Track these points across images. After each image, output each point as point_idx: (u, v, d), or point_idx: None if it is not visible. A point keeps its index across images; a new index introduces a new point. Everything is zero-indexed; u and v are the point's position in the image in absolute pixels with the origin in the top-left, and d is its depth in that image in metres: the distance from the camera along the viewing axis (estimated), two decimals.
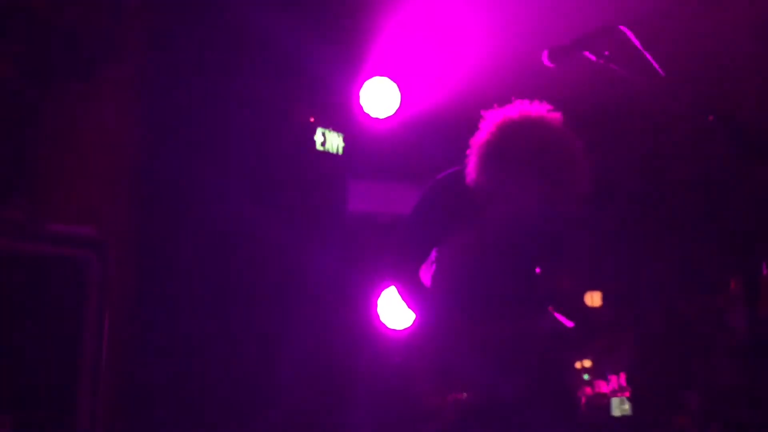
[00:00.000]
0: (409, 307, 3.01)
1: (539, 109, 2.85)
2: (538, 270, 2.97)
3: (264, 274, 4.15)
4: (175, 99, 4.01)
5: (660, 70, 1.92)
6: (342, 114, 4.59)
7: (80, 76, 3.57)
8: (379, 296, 4.47)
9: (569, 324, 2.93)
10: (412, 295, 2.98)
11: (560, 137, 2.80)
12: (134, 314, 3.68)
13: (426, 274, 3.04)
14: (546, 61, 2.19)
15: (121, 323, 3.38)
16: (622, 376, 5.14)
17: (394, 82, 4.63)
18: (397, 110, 4.63)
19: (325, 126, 4.54)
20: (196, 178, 3.97)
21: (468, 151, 2.89)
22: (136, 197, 3.87)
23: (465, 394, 2.75)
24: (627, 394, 5.07)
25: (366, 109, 4.58)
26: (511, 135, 2.81)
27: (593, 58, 2.07)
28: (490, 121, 2.89)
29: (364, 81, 4.58)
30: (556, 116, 2.84)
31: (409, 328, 3.09)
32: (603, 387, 5.18)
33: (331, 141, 4.55)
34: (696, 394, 4.68)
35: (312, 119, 4.50)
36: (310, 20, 4.33)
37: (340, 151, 4.58)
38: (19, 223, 2.94)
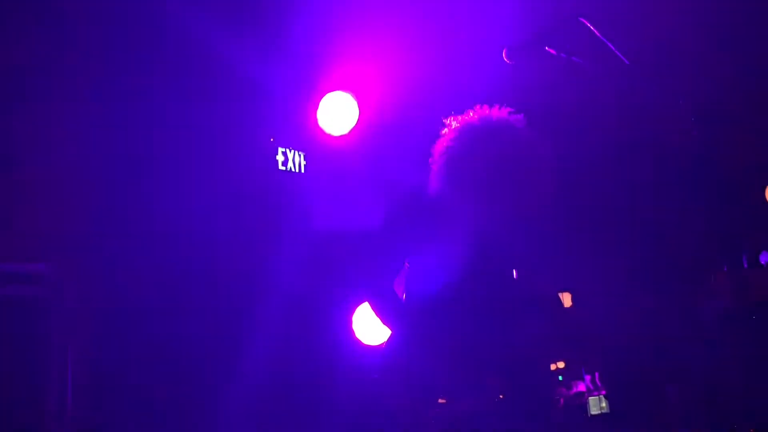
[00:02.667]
0: (383, 321, 2.94)
1: (500, 113, 2.80)
2: (514, 273, 2.93)
3: (233, 299, 4.06)
4: (133, 123, 3.93)
5: (624, 59, 1.89)
6: (302, 133, 4.53)
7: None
8: (353, 313, 4.39)
9: (549, 328, 2.88)
10: (386, 309, 2.91)
11: (522, 141, 2.75)
12: (96, 348, 3.54)
13: (399, 286, 2.98)
14: (506, 59, 2.14)
15: (83, 358, 3.25)
16: (597, 375, 5.11)
17: (353, 96, 4.57)
18: (357, 125, 4.57)
19: (286, 146, 4.47)
20: (154, 204, 3.87)
21: (430, 160, 2.85)
22: (88, 225, 3.74)
23: (445, 408, 2.68)
24: (603, 392, 5.04)
25: (324, 127, 4.50)
26: (472, 143, 2.77)
27: (554, 52, 2.03)
28: (451, 128, 2.84)
29: (321, 98, 4.51)
30: (518, 118, 2.80)
31: (385, 342, 3.02)
32: (579, 386, 5.14)
33: (292, 160, 4.49)
34: (677, 388, 4.67)
35: (272, 139, 4.44)
36: (264, 40, 4.28)
37: (302, 169, 4.52)
38: None
